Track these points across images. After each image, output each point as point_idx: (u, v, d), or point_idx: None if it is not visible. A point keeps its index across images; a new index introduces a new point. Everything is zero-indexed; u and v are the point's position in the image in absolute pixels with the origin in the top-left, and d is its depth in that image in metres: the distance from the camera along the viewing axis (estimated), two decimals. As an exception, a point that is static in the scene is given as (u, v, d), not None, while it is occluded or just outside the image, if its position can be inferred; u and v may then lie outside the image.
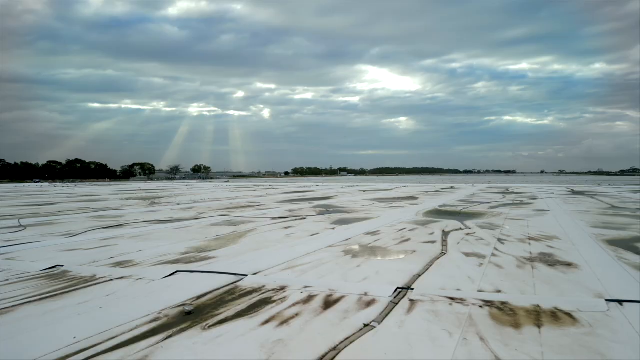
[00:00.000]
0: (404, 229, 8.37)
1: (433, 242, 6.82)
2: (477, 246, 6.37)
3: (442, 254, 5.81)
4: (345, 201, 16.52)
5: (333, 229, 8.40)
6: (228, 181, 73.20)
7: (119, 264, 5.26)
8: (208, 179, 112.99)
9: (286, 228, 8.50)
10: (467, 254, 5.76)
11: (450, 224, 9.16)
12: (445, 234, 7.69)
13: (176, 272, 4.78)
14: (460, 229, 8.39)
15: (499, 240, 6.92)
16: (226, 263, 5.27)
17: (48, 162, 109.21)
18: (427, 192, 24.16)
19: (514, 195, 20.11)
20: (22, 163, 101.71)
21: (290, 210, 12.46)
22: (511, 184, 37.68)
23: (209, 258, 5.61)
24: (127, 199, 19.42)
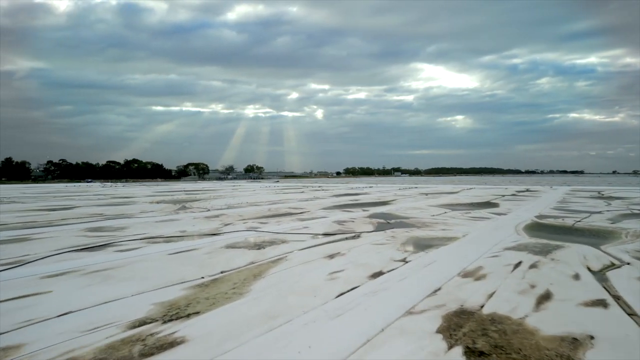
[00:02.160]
0: (519, 263, 5.23)
1: (600, 301, 3.69)
2: None
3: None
4: (408, 208, 13.38)
5: (404, 261, 5.40)
6: (278, 181, 71.51)
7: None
8: (259, 179, 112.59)
9: (330, 258, 5.59)
10: None
11: (585, 252, 5.90)
12: (601, 276, 4.50)
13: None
14: (614, 264, 5.15)
15: None
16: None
17: (107, 162, 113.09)
18: (502, 195, 20.44)
19: (618, 202, 16.08)
20: (83, 163, 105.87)
21: (339, 222, 9.55)
22: (595, 187, 32.71)
23: (173, 344, 2.82)
24: (158, 202, 17.31)
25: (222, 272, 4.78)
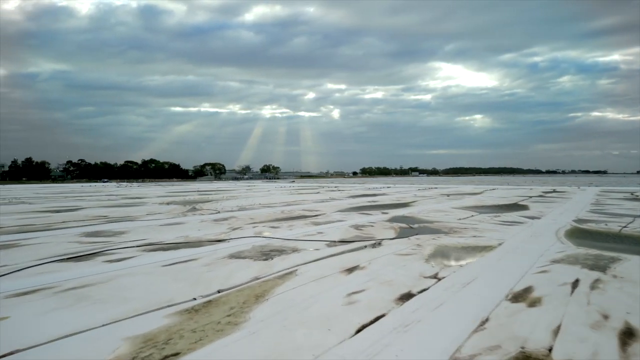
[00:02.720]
0: (577, 281, 4.33)
1: None
2: None
3: None
4: (431, 210, 12.46)
5: (436, 277, 4.53)
6: (293, 181, 70.85)
7: None
8: (275, 179, 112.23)
9: (348, 272, 4.76)
10: None
11: (653, 267, 4.97)
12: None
13: None
14: (695, 284, 4.22)
15: None
16: None
17: (125, 162, 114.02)
18: (529, 196, 19.30)
19: (659, 204, 14.87)
20: (101, 163, 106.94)
21: (356, 227, 8.72)
22: (625, 187, 31.16)
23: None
24: (168, 203, 16.70)
25: (218, 292, 3.99)
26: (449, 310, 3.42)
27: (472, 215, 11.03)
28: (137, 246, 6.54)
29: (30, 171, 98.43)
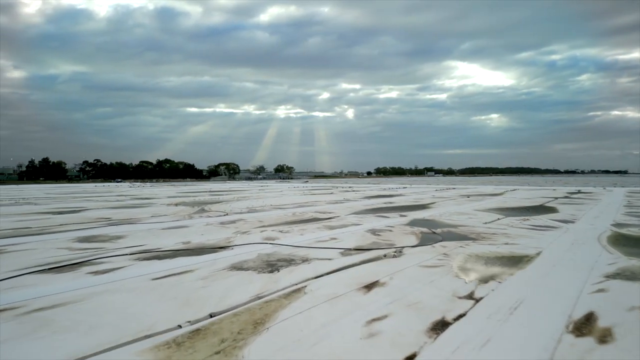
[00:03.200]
0: (649, 305, 3.54)
1: None
2: None
3: None
4: (453, 213, 11.63)
5: (474, 298, 3.77)
6: (307, 181, 70.20)
7: None
8: (288, 179, 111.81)
9: (367, 290, 4.02)
10: None
11: None
12: None
13: None
14: None
15: None
16: None
17: (140, 162, 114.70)
18: (554, 198, 18.29)
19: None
20: (117, 163, 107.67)
21: (373, 232, 7.97)
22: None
23: None
24: (176, 204, 16.14)
25: (210, 316, 3.30)
26: (498, 349, 2.66)
27: (499, 219, 10.19)
28: (131, 254, 5.90)
29: (47, 171, 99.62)
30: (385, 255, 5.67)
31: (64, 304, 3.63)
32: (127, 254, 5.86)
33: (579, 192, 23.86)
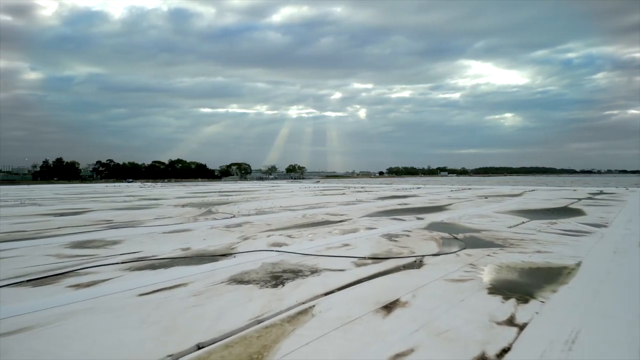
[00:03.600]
0: None
1: None
2: None
3: None
4: (473, 216, 10.94)
5: (514, 325, 3.11)
6: (318, 182, 69.60)
7: None
8: (300, 179, 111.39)
9: (386, 313, 3.40)
10: None
11: None
12: None
13: None
14: None
15: None
16: None
17: (153, 162, 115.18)
18: (577, 199, 17.43)
19: None
20: (129, 163, 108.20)
21: (389, 237, 7.33)
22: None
23: None
24: (184, 205, 15.66)
25: (198, 347, 2.72)
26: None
27: (523, 222, 9.48)
28: (123, 262, 5.35)
29: (61, 171, 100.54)
30: (404, 266, 5.04)
31: (29, 328, 3.08)
32: (118, 263, 5.31)
33: (601, 192, 22.90)
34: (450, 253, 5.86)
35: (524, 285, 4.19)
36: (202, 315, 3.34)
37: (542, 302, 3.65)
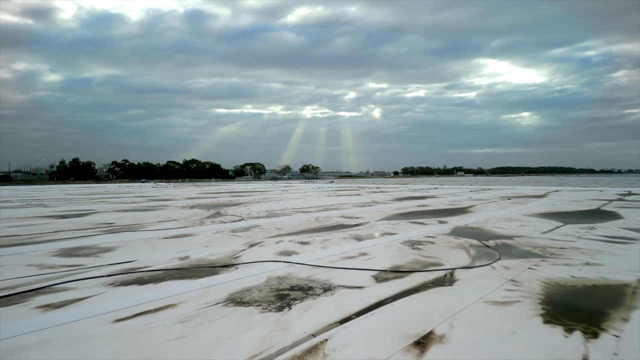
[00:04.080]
0: None
1: None
2: None
3: None
4: (500, 219, 10.09)
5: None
6: (332, 182, 68.84)
7: None
8: (314, 179, 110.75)
9: (420, 352, 2.65)
10: None
11: None
12: None
13: None
14: None
15: None
16: None
17: (167, 162, 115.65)
18: (607, 200, 16.39)
19: None
20: (144, 163, 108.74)
21: (411, 244, 6.57)
22: None
23: None
24: (192, 206, 15.07)
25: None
26: None
27: (557, 227, 8.62)
28: (109, 275, 4.70)
29: (77, 171, 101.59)
30: (433, 282, 4.29)
31: (-38, 371, 2.42)
32: (104, 276, 4.66)
33: (630, 193, 21.71)
34: (485, 265, 5.08)
35: (585, 311, 3.41)
36: (186, 351, 2.64)
37: (617, 336, 2.87)
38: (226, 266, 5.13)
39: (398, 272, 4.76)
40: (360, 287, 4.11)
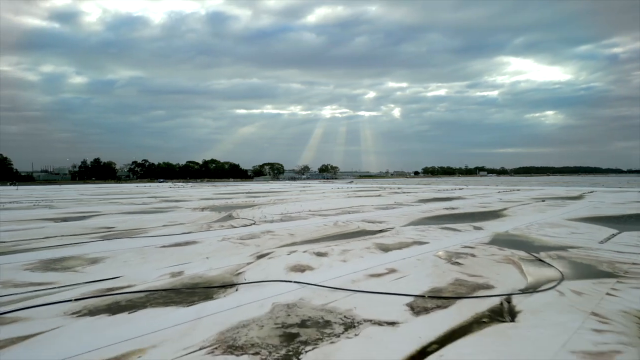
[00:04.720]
0: None
1: None
2: None
3: None
4: (542, 224, 8.91)
5: None
6: (352, 182, 67.69)
7: None
8: (333, 179, 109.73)
9: None
10: None
11: None
12: None
13: None
14: None
15: None
16: None
17: (187, 162, 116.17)
18: (654, 203, 14.95)
19: None
20: (164, 163, 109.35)
21: (448, 258, 5.52)
22: None
23: None
24: (203, 208, 14.24)
25: None
26: None
27: (613, 235, 7.45)
28: (78, 299, 3.79)
29: (98, 171, 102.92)
30: (489, 317, 3.26)
31: None
32: (71, 300, 3.75)
33: (675, 194, 20.08)
34: (548, 289, 4.01)
35: None
36: None
37: None
38: (224, 286, 4.18)
39: (439, 298, 3.73)
40: (393, 324, 3.11)
